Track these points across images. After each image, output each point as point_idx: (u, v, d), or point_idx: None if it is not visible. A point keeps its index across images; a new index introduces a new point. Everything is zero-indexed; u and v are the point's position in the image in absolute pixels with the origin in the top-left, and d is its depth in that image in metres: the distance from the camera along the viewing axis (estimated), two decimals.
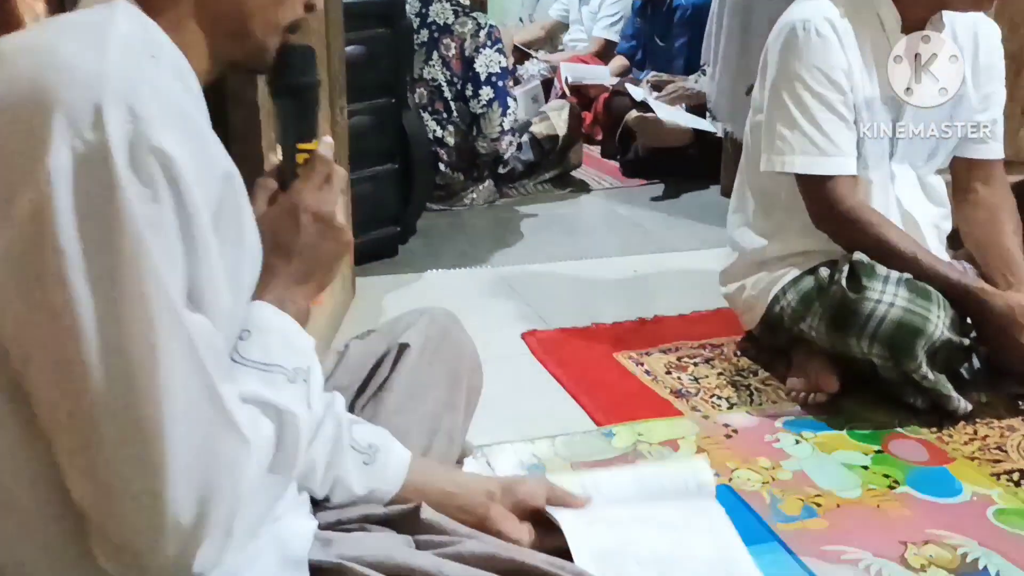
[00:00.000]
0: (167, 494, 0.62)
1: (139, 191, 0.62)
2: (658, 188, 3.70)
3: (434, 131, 3.24)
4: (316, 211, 0.82)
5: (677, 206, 3.48)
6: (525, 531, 1.03)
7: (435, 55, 3.24)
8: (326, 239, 0.82)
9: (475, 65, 3.22)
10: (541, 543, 1.03)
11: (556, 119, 3.60)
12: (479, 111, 3.25)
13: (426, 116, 3.24)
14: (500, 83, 3.26)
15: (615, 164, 3.98)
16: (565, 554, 0.98)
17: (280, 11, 0.79)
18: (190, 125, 0.67)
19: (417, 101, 3.22)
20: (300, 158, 0.84)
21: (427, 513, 0.92)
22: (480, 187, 3.41)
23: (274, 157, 0.86)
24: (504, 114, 3.27)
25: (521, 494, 1.05)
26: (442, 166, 3.28)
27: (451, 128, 3.28)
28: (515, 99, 3.40)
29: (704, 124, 3.68)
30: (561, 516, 1.04)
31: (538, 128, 3.56)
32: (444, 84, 3.25)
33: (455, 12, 3.25)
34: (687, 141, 3.74)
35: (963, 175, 2.02)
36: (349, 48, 2.40)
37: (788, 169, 1.87)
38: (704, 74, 3.77)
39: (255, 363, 0.74)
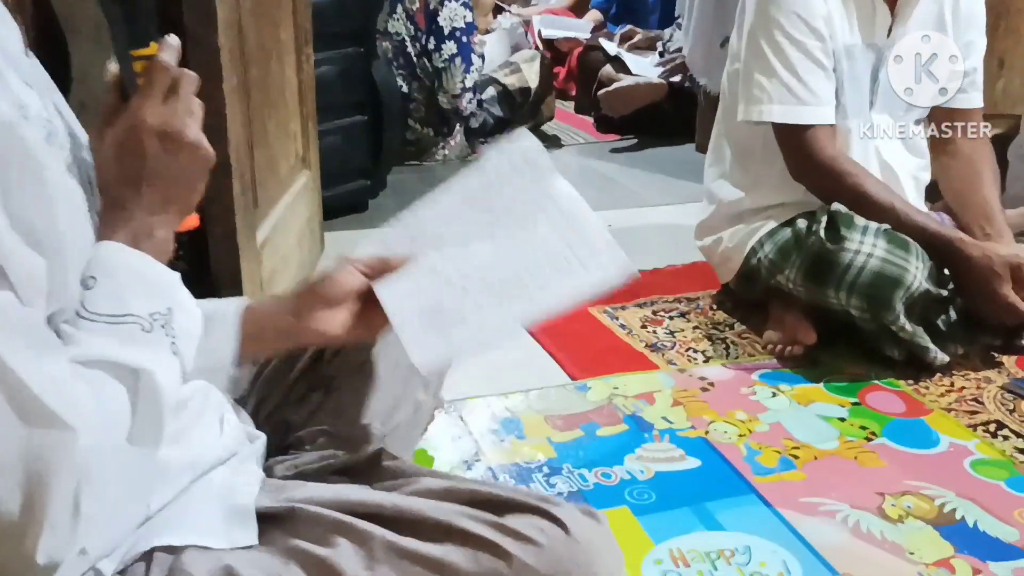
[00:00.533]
0: None
1: None
2: (632, 144, 3.65)
3: (400, 86, 3.17)
4: (160, 128, 0.71)
5: (652, 162, 3.44)
6: (335, 321, 0.89)
7: (399, 8, 3.17)
8: (179, 159, 0.72)
9: (439, 19, 3.16)
10: (370, 319, 0.90)
11: (528, 71, 3.53)
12: (440, 65, 3.20)
13: (392, 69, 3.17)
14: (464, 38, 3.20)
15: (589, 120, 3.93)
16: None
17: None
18: None
19: (380, 55, 3.14)
20: (138, 66, 0.73)
21: (387, 459, 0.88)
22: (451, 142, 3.35)
23: (113, 68, 0.74)
24: (467, 71, 3.21)
25: (321, 287, 0.90)
26: (411, 121, 3.22)
27: (416, 84, 3.22)
28: (481, 56, 3.35)
29: (651, 70, 3.65)
30: (380, 286, 0.89)
31: (509, 80, 3.49)
32: (407, 39, 3.18)
33: None
34: (661, 96, 3.68)
35: (943, 125, 1.99)
36: None
37: (765, 118, 1.83)
38: (679, 27, 3.71)
39: (103, 316, 0.66)
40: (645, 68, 3.71)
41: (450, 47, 3.18)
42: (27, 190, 0.62)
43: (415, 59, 3.20)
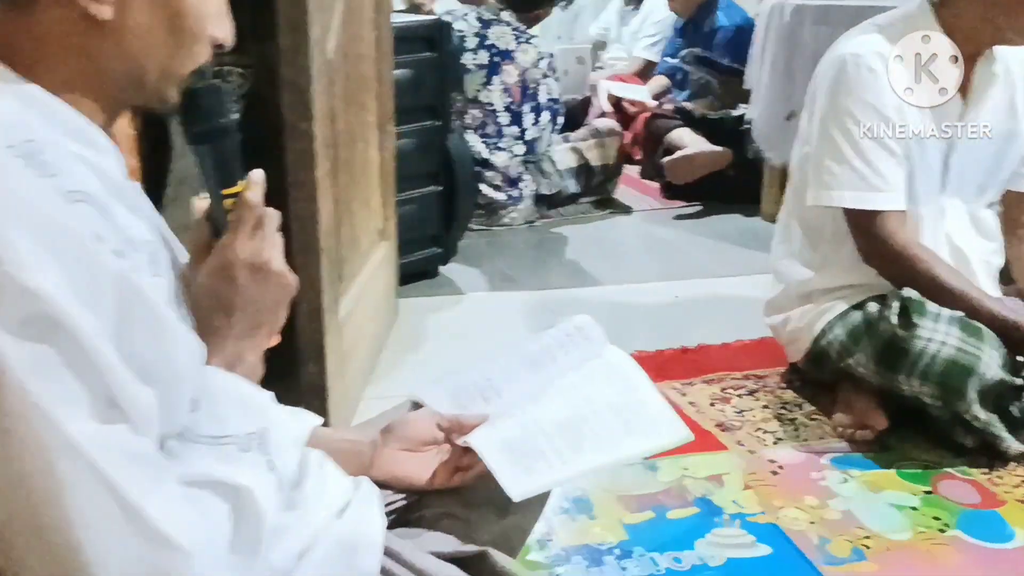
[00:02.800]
0: None
1: (12, 340, 0.59)
2: (698, 211, 3.69)
3: (479, 152, 3.28)
4: (251, 263, 0.77)
5: (718, 230, 3.47)
6: (422, 466, 0.98)
7: (495, 80, 3.32)
8: (267, 289, 0.77)
9: (538, 95, 3.39)
10: (455, 468, 0.99)
11: (610, 146, 3.68)
12: (536, 136, 3.42)
13: (474, 138, 3.31)
14: (555, 106, 3.47)
15: (654, 185, 3.97)
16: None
17: (177, 61, 0.74)
18: (71, 242, 0.62)
19: (468, 123, 3.31)
20: (229, 203, 0.78)
21: (496, 560, 0.91)
22: (520, 206, 3.43)
23: (200, 203, 0.82)
24: (552, 131, 3.49)
25: (408, 431, 0.99)
26: (484, 186, 3.31)
27: (500, 152, 3.34)
28: (563, 116, 3.58)
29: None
30: (470, 436, 1.00)
31: (592, 155, 3.64)
32: (500, 109, 3.33)
33: (516, 38, 3.35)
34: (725, 164, 3.73)
35: (1015, 208, 2.00)
36: (396, 72, 2.42)
37: (836, 204, 1.86)
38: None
39: (207, 438, 0.71)
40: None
41: (545, 117, 3.43)
42: (141, 329, 0.67)
43: (504, 127, 3.35)
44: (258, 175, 0.81)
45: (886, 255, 1.82)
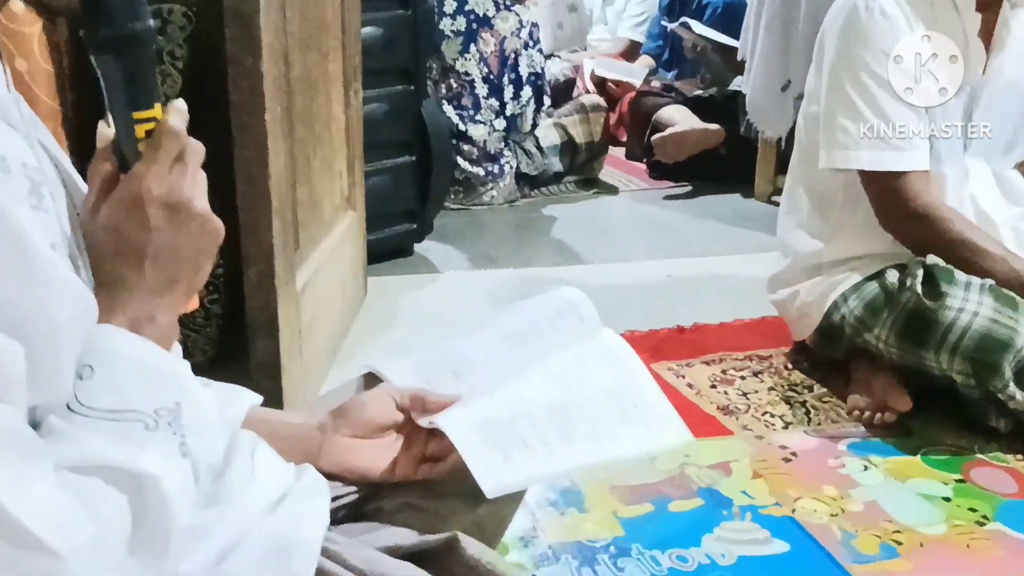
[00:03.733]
0: None
1: None
2: (687, 191, 3.51)
3: (456, 125, 3.09)
4: (167, 200, 0.63)
5: (710, 210, 3.28)
6: (379, 456, 0.82)
7: (472, 48, 3.11)
8: (186, 234, 0.64)
9: (519, 67, 3.17)
10: (419, 457, 0.83)
11: (595, 122, 3.47)
12: (518, 111, 3.21)
13: (449, 109, 3.10)
14: (539, 82, 3.25)
15: (640, 166, 3.79)
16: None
17: None
18: None
19: (444, 92, 3.10)
20: (140, 131, 0.64)
21: (467, 547, 0.72)
22: (500, 184, 3.23)
23: (106, 129, 0.65)
24: (537, 111, 3.26)
25: (362, 414, 0.83)
26: (462, 160, 3.12)
27: (477, 124, 3.14)
28: (548, 95, 3.36)
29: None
30: (438, 417, 0.83)
31: (577, 131, 3.43)
32: (478, 80, 3.13)
33: (496, 4, 3.12)
34: (717, 142, 3.54)
35: None
36: (365, 30, 2.22)
37: (853, 165, 1.67)
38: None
39: (101, 412, 0.57)
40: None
41: (527, 92, 3.21)
42: (2, 267, 0.52)
43: (482, 99, 3.13)
44: (181, 103, 0.66)
45: (911, 219, 1.64)
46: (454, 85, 3.11)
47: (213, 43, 1.46)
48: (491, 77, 3.14)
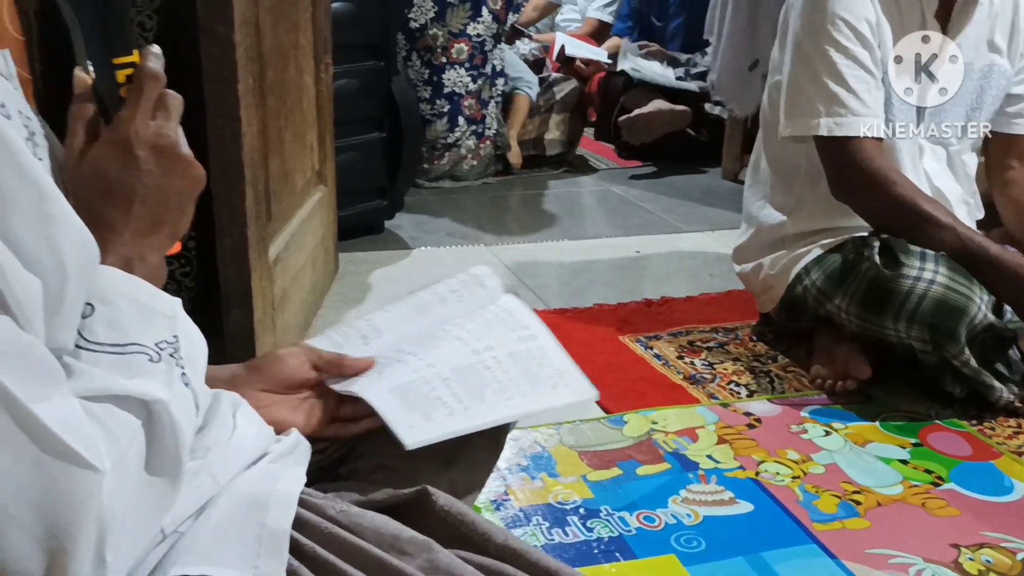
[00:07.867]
0: (5, 556, 0.49)
1: None
2: (655, 170, 3.55)
3: (467, 84, 3.21)
4: (155, 143, 0.65)
5: (678, 188, 3.32)
6: (294, 412, 0.83)
7: (484, 10, 3.19)
8: (172, 176, 0.65)
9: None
10: (331, 418, 0.85)
11: (571, 123, 3.59)
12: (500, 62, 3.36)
13: (462, 71, 3.19)
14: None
15: (610, 147, 3.82)
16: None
17: None
18: None
19: (456, 57, 3.18)
20: (120, 75, 0.66)
21: (438, 499, 0.74)
22: (480, 152, 3.27)
23: (83, 75, 0.66)
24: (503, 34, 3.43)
25: (276, 369, 0.84)
26: (462, 120, 3.20)
27: (481, 81, 3.24)
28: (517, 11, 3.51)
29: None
30: (350, 381, 0.86)
31: (551, 135, 3.52)
32: (488, 38, 3.22)
33: None
34: (684, 124, 3.58)
35: (999, 151, 1.87)
36: (335, 4, 2.22)
37: (810, 131, 1.70)
38: (704, 53, 3.62)
39: (106, 346, 0.58)
40: (669, 79, 3.63)
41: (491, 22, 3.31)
42: (22, 203, 0.53)
43: (489, 53, 3.27)
44: (156, 48, 0.67)
45: (861, 183, 1.66)
46: (465, 49, 3.17)
47: (182, 14, 1.46)
48: (500, 31, 3.28)
